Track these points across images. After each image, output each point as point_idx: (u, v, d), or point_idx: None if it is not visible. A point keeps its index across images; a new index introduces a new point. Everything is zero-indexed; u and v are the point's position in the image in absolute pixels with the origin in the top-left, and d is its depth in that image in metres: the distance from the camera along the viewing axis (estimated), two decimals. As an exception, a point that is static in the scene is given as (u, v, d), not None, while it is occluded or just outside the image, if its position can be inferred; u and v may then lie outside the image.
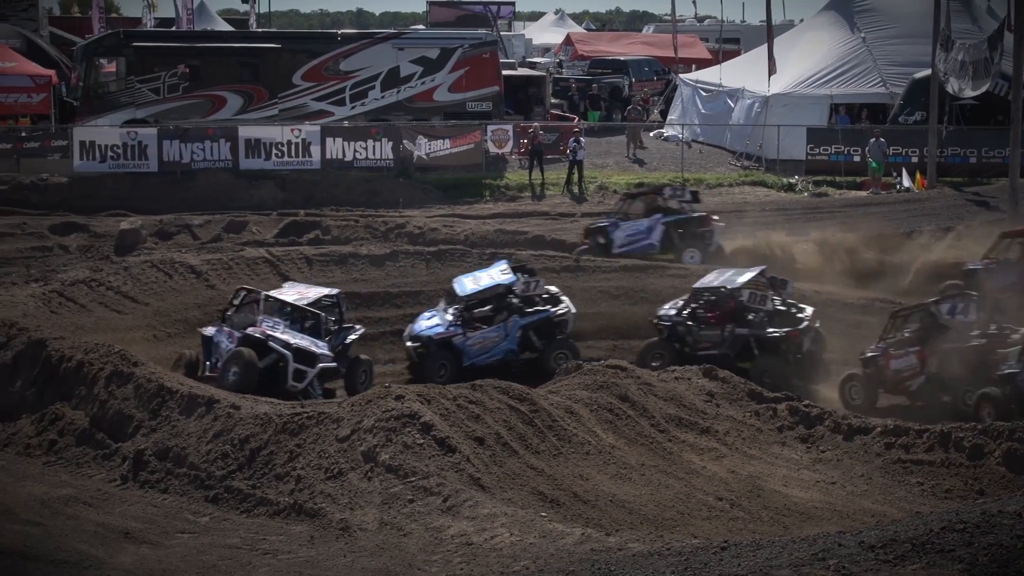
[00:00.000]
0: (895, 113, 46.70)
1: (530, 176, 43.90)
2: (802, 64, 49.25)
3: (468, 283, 26.79)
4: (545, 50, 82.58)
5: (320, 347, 24.12)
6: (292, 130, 42.92)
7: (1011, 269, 28.90)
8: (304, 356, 23.49)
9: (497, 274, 27.02)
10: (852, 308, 29.32)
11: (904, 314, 24.76)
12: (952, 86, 41.82)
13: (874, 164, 43.57)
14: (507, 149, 45.33)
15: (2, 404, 21.28)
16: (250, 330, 23.72)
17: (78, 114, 44.55)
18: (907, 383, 23.63)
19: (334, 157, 42.88)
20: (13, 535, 15.56)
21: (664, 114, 55.89)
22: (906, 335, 24.22)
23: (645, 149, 50.13)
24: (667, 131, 53.17)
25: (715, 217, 34.39)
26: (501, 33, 67.51)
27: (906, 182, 43.67)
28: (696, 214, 34.03)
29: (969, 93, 41.80)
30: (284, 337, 23.68)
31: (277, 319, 24.32)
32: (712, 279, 26.77)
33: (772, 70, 46.85)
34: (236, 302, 24.84)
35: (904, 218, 38.75)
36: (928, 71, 44.48)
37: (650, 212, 34.32)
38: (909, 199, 41.97)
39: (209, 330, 24.62)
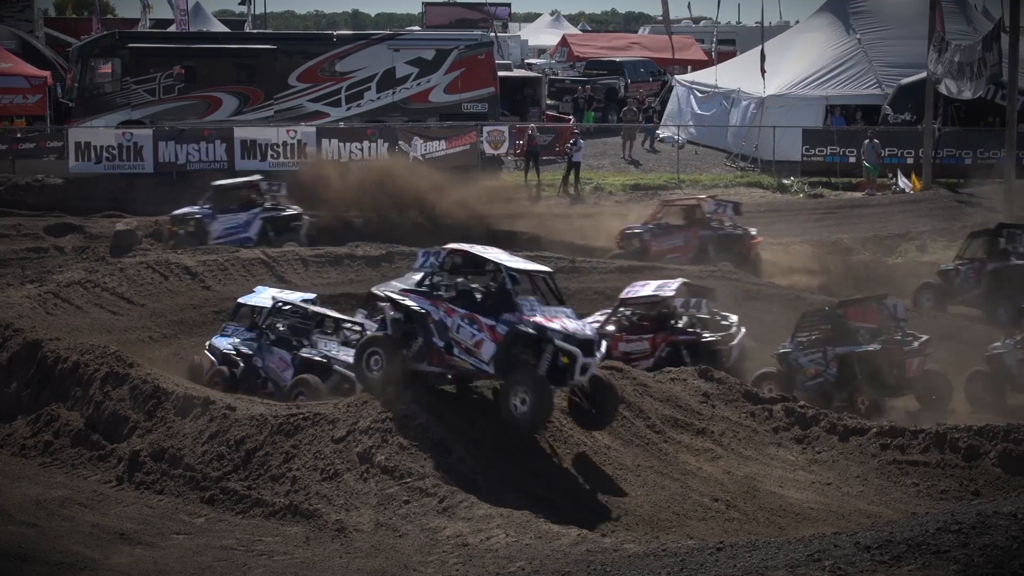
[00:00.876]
0: (883, 118, 46.77)
1: (526, 177, 43.91)
2: (798, 65, 49.28)
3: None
4: (541, 51, 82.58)
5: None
6: (288, 131, 42.91)
7: (674, 234, 32.76)
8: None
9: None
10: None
11: (638, 301, 25.57)
12: (949, 88, 41.87)
13: (868, 165, 43.63)
14: (503, 150, 45.31)
15: (-3, 405, 21.29)
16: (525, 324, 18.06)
17: (73, 115, 44.52)
18: (634, 364, 24.02)
19: (330, 158, 42.85)
20: (9, 536, 15.56)
21: (660, 115, 55.87)
22: (635, 321, 25.38)
23: (657, 153, 49.71)
24: (662, 132, 53.14)
25: (307, 215, 34.66)
26: (497, 34, 67.52)
27: (902, 183, 43.73)
28: (291, 211, 34.43)
29: (967, 95, 41.84)
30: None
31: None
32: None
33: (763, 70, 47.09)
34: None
35: (899, 219, 38.82)
36: (916, 76, 44.64)
37: (248, 206, 34.50)
38: (904, 200, 42.04)
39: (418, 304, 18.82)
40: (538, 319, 18.01)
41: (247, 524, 16.64)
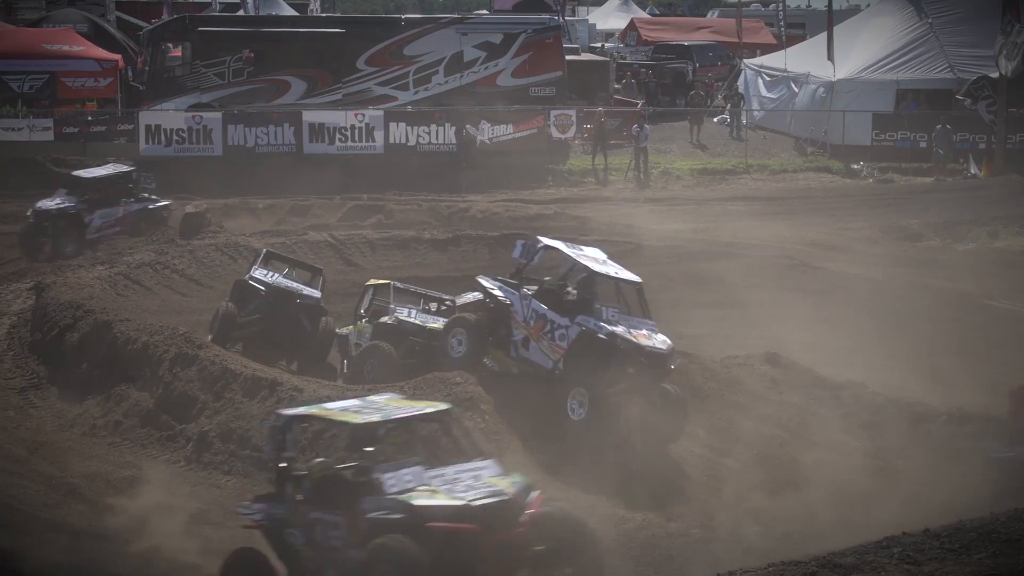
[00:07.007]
0: (955, 103, 46.29)
1: (593, 161, 43.82)
2: (868, 49, 48.83)
3: None
4: (609, 35, 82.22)
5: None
6: (356, 115, 43.01)
7: None
8: None
9: None
10: None
11: None
12: (1003, 67, 41.62)
13: (940, 152, 43.25)
14: (570, 134, 45.22)
15: (69, 385, 21.53)
16: None
17: (144, 98, 44.82)
18: None
19: (397, 142, 42.93)
20: (79, 515, 15.74)
21: (727, 99, 55.42)
22: None
23: (744, 141, 48.97)
24: (729, 116, 52.71)
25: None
26: (565, 18, 67.24)
27: (973, 168, 43.31)
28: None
29: (1009, 73, 41.53)
30: None
31: None
32: None
33: (831, 56, 46.78)
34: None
35: (970, 205, 38.40)
36: (991, 72, 44.29)
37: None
38: (974, 185, 41.59)
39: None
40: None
41: (314, 505, 16.69)
